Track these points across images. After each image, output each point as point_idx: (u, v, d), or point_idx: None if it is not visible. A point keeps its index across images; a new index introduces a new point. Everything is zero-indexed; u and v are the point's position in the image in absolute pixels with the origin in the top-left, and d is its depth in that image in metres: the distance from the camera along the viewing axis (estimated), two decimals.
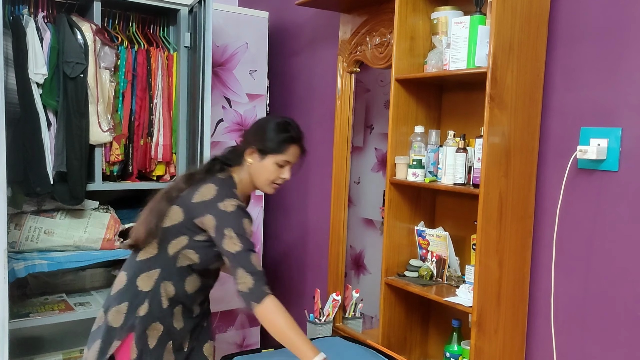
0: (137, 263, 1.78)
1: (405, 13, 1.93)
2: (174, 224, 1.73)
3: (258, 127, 1.83)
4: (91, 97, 2.46)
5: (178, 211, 1.73)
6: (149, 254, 1.76)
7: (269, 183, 1.80)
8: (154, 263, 1.75)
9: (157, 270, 1.75)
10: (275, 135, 1.77)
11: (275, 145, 1.76)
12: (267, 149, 1.76)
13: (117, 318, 1.73)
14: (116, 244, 2.67)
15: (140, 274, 1.75)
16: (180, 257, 1.74)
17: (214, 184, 1.73)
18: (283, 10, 2.98)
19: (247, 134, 1.87)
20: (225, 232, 1.64)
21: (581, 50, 1.68)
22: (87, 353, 1.77)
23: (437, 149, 1.93)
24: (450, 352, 1.90)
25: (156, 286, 1.74)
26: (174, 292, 1.76)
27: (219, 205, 1.67)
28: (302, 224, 2.93)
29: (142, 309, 1.73)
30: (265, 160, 1.76)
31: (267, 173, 1.78)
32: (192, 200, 1.72)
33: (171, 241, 1.74)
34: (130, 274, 1.78)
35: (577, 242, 1.69)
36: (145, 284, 1.74)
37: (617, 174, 1.59)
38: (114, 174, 2.67)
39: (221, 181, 1.77)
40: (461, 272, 1.94)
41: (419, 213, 2.07)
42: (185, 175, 1.83)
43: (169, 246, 1.74)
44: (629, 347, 1.57)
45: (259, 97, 2.87)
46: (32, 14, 2.43)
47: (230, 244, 1.62)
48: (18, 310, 2.49)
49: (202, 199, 1.71)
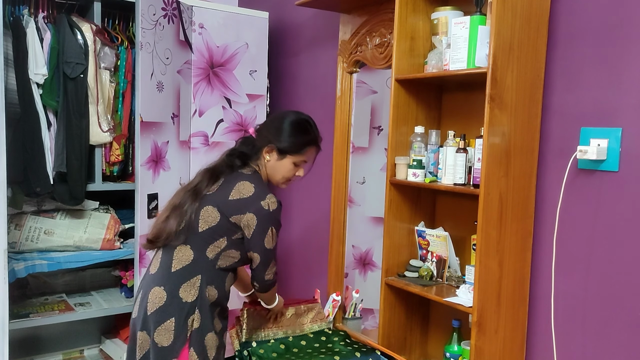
0: (173, 275, 1.69)
1: (405, 13, 1.93)
2: (210, 226, 1.70)
3: (277, 126, 1.81)
4: (91, 98, 2.46)
5: (213, 212, 1.71)
6: (184, 261, 1.70)
7: (285, 180, 1.84)
8: (193, 270, 1.70)
9: (198, 277, 1.69)
10: (296, 137, 1.79)
11: (295, 147, 1.79)
12: (287, 150, 1.78)
13: (166, 337, 1.65)
14: (117, 244, 2.68)
15: (182, 285, 1.68)
16: (222, 258, 1.73)
17: (249, 181, 1.74)
18: (283, 10, 2.98)
19: (265, 130, 1.84)
20: (268, 230, 1.71)
21: (581, 50, 1.68)
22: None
23: (437, 149, 1.93)
24: (450, 352, 1.90)
25: (201, 293, 1.69)
26: (217, 295, 1.73)
27: (262, 203, 1.70)
28: (302, 224, 2.93)
29: (194, 320, 1.67)
30: (284, 160, 1.79)
31: (285, 171, 1.81)
32: (229, 197, 1.71)
33: (210, 245, 1.71)
34: (168, 287, 1.69)
35: (577, 242, 1.69)
36: (188, 294, 1.68)
37: (617, 174, 1.59)
38: (114, 174, 2.67)
39: (253, 177, 1.77)
40: (461, 273, 1.94)
41: (419, 213, 2.07)
42: (205, 171, 1.80)
43: (208, 250, 1.71)
44: (629, 347, 1.57)
45: (259, 98, 2.87)
46: (33, 15, 2.43)
47: (269, 241, 1.73)
48: (18, 311, 2.49)
49: (240, 196, 1.70)
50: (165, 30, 2.49)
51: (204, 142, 2.74)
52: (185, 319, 1.66)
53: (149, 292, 1.70)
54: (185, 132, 2.68)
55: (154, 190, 2.50)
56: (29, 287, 2.78)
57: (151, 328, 1.67)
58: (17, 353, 2.52)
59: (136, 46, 2.40)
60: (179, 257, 1.70)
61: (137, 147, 2.41)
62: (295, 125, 1.80)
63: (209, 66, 2.71)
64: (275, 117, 1.87)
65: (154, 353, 1.66)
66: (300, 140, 1.79)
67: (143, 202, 2.44)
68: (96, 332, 3.00)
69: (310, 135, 1.81)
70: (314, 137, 1.83)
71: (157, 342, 1.65)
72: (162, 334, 1.65)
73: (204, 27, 2.68)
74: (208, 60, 2.71)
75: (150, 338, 1.67)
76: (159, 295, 1.68)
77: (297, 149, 1.79)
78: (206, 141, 2.75)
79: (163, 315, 1.66)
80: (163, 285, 1.69)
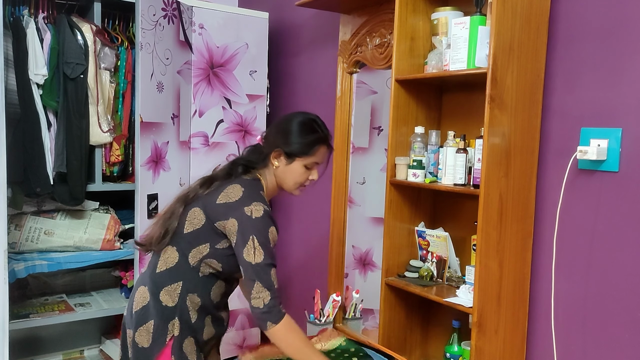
0: (156, 276, 1.64)
1: (405, 14, 1.93)
2: (195, 228, 1.61)
3: (282, 128, 1.70)
4: (91, 98, 2.46)
5: (199, 213, 1.61)
6: (168, 264, 1.63)
7: (298, 186, 1.72)
8: (174, 275, 1.62)
9: (179, 284, 1.61)
10: (302, 137, 1.66)
11: (303, 148, 1.65)
12: (295, 152, 1.65)
13: (146, 338, 1.60)
14: (117, 244, 2.68)
15: (163, 288, 1.62)
16: (203, 266, 1.62)
17: (240, 185, 1.62)
18: (283, 10, 2.98)
19: (270, 134, 1.73)
20: (248, 240, 1.52)
21: (581, 51, 1.68)
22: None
23: (437, 149, 1.93)
24: (450, 352, 1.90)
25: (182, 300, 1.61)
26: (201, 302, 1.64)
27: (244, 209, 1.55)
28: (302, 224, 2.93)
29: (174, 326, 1.60)
30: (294, 163, 1.66)
31: (296, 176, 1.68)
32: (216, 201, 1.60)
33: (192, 249, 1.61)
34: (151, 288, 1.63)
35: (577, 242, 1.69)
36: (169, 299, 1.61)
37: (617, 174, 1.59)
38: (114, 174, 2.67)
39: (248, 182, 1.65)
40: (461, 273, 1.94)
41: (419, 214, 2.07)
42: (202, 178, 1.71)
43: (190, 254, 1.61)
44: (629, 347, 1.57)
45: (259, 98, 2.87)
46: (33, 15, 2.43)
47: (250, 254, 1.52)
48: (18, 311, 2.49)
49: (227, 200, 1.59)
50: (165, 30, 2.49)
51: (204, 142, 2.74)
52: (165, 323, 1.60)
53: (137, 290, 1.68)
54: (185, 133, 2.68)
55: (154, 190, 2.50)
56: (29, 287, 2.78)
57: (134, 327, 1.64)
58: (17, 353, 2.51)
59: (136, 46, 2.40)
60: (164, 258, 1.65)
61: (137, 148, 2.41)
62: (302, 126, 1.67)
63: (209, 66, 2.71)
64: (280, 120, 1.75)
65: (133, 352, 1.63)
66: (307, 141, 1.65)
67: (143, 202, 2.44)
68: (96, 332, 3.00)
69: (318, 133, 1.68)
70: (322, 136, 1.69)
71: (137, 342, 1.62)
72: (143, 335, 1.61)
73: (204, 28, 2.68)
74: (208, 61, 2.71)
75: (133, 337, 1.64)
76: (143, 295, 1.64)
77: (305, 151, 1.65)
78: (206, 141, 2.75)
79: (144, 316, 1.62)
80: (147, 286, 1.65)
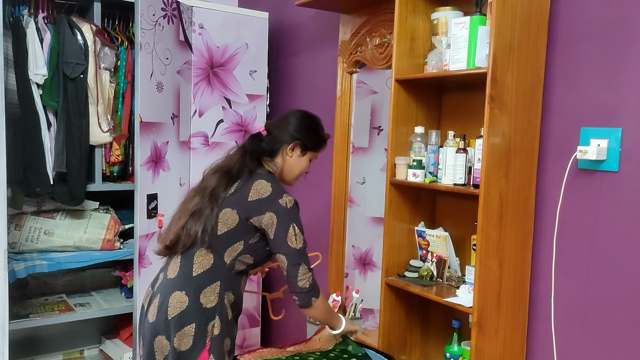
0: (195, 279, 1.68)
1: (405, 14, 1.93)
2: (229, 229, 1.69)
3: (305, 124, 1.83)
4: (91, 98, 2.46)
5: (232, 214, 1.69)
6: (205, 265, 1.69)
7: (297, 177, 1.88)
8: (213, 275, 1.69)
9: (217, 284, 1.69)
10: (318, 134, 1.85)
11: (317, 143, 1.85)
12: (311, 146, 1.83)
13: (186, 341, 1.65)
14: (117, 244, 2.68)
15: (203, 290, 1.67)
16: (237, 263, 1.72)
17: (265, 180, 1.72)
18: (283, 10, 2.98)
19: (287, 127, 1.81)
20: (289, 228, 1.68)
21: (581, 51, 1.68)
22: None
23: (437, 149, 1.93)
24: (450, 352, 1.90)
25: (220, 299, 1.69)
26: (234, 299, 1.73)
27: (279, 201, 1.69)
28: (302, 224, 2.93)
29: (214, 326, 1.67)
30: (305, 156, 1.83)
31: (302, 167, 1.85)
32: (248, 199, 1.68)
33: (227, 248, 1.70)
34: (191, 292, 1.67)
35: (577, 242, 1.69)
36: (208, 300, 1.67)
37: (617, 174, 1.59)
38: (114, 174, 2.67)
39: (270, 177, 1.75)
40: (461, 273, 1.94)
41: (419, 213, 2.07)
42: (217, 170, 1.77)
43: (226, 254, 1.70)
44: (629, 347, 1.57)
45: (259, 98, 2.87)
46: (33, 15, 2.43)
47: (293, 241, 1.68)
48: (18, 311, 2.49)
49: (259, 196, 1.69)
50: (165, 30, 2.49)
51: (203, 142, 2.74)
52: (205, 324, 1.66)
53: (169, 296, 1.68)
54: (185, 133, 2.68)
55: (153, 190, 2.50)
56: (29, 287, 2.78)
57: (171, 333, 1.66)
58: (17, 353, 2.52)
59: (136, 46, 2.40)
60: (199, 261, 1.69)
61: (136, 148, 2.41)
62: (319, 123, 1.86)
63: (208, 66, 2.71)
64: (303, 116, 1.85)
65: (172, 357, 1.66)
66: (320, 138, 1.85)
67: (143, 202, 2.44)
68: (96, 332, 3.00)
69: (323, 132, 1.88)
70: (325, 135, 1.89)
71: (177, 346, 1.65)
72: (182, 339, 1.65)
73: (203, 28, 2.68)
74: (208, 61, 2.71)
75: (170, 342, 1.66)
76: (180, 300, 1.66)
77: (318, 146, 1.85)
78: (206, 141, 2.75)
79: (184, 320, 1.65)
80: (184, 290, 1.67)
